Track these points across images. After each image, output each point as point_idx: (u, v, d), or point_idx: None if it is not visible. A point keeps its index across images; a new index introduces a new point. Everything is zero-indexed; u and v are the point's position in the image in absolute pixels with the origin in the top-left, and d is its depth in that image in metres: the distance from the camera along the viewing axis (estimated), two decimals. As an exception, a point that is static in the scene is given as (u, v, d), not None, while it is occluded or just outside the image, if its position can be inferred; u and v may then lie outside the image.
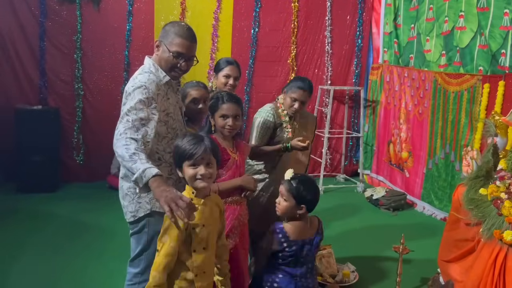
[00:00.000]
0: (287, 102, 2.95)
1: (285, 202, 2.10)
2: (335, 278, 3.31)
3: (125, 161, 1.96)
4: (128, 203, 2.23)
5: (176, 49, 2.20)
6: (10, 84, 5.20)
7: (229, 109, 2.34)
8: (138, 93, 2.11)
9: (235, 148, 2.43)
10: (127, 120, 2.06)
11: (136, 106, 2.08)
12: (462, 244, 2.96)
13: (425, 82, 5.08)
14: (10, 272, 3.34)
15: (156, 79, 2.21)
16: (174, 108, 2.30)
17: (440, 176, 4.79)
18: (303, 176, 2.18)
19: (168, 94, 2.27)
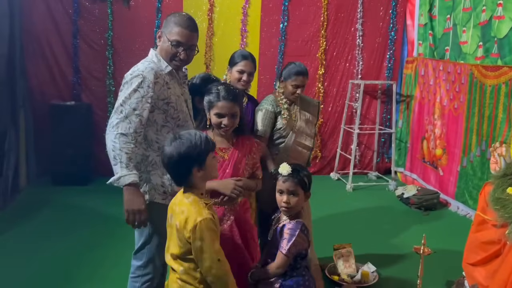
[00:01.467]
0: (288, 89, 2.94)
1: (295, 197, 2.01)
2: (353, 278, 3.21)
3: (110, 157, 2.10)
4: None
5: (175, 38, 2.20)
6: (45, 81, 5.42)
7: (224, 107, 2.21)
8: (134, 82, 2.14)
9: (233, 146, 2.30)
10: (121, 112, 2.11)
11: (131, 96, 2.11)
12: (488, 246, 2.78)
13: (461, 75, 4.82)
14: (41, 259, 3.48)
15: (157, 68, 2.21)
16: (177, 99, 2.28)
17: (475, 174, 4.53)
18: (296, 165, 2.12)
19: (170, 84, 2.25)
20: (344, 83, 5.98)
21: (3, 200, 4.45)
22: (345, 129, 5.95)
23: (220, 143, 2.28)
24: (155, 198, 2.23)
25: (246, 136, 2.37)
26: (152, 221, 2.21)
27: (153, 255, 2.26)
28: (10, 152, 4.68)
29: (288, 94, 2.96)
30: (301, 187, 2.03)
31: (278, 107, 2.95)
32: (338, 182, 5.86)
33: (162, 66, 2.25)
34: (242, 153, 2.28)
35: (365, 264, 3.38)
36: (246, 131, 2.41)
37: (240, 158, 2.26)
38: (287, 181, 2.06)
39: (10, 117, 4.72)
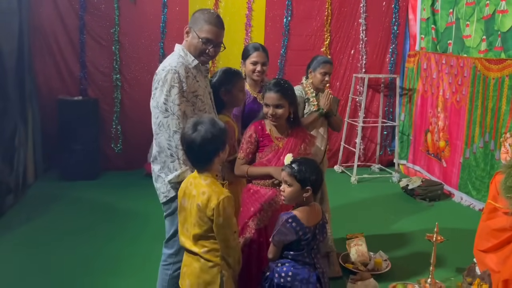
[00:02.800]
0: (317, 78, 3.18)
1: (289, 187, 2.05)
2: (367, 266, 3.30)
3: (166, 156, 2.22)
4: (160, 184, 2.34)
5: (205, 35, 2.31)
6: (52, 76, 5.43)
7: (269, 98, 2.39)
8: (169, 78, 2.23)
9: (288, 136, 2.44)
10: (166, 110, 2.22)
11: (171, 93, 2.22)
12: (500, 233, 2.87)
13: (464, 68, 4.92)
14: (52, 253, 3.53)
15: (186, 62, 2.32)
16: (204, 91, 2.39)
17: (478, 165, 4.64)
18: (303, 158, 2.13)
19: (197, 77, 2.37)
20: (347, 77, 6.06)
21: (14, 195, 4.49)
22: (349, 122, 6.03)
23: (276, 132, 2.45)
24: None
25: (300, 128, 2.52)
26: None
27: None
28: (21, 147, 4.71)
29: (317, 83, 3.19)
30: (296, 179, 2.04)
31: (306, 95, 3.18)
32: (342, 175, 5.95)
33: (189, 60, 2.35)
34: (296, 143, 2.43)
35: (377, 253, 3.48)
36: (299, 123, 2.55)
37: (294, 148, 2.40)
38: (284, 170, 2.12)
39: (19, 113, 4.75)
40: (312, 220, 2.07)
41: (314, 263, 2.08)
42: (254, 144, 2.44)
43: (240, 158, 2.44)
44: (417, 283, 3.10)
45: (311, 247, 2.07)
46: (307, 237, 2.04)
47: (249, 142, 2.44)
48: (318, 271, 2.07)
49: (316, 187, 2.08)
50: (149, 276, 3.12)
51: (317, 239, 2.08)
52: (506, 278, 2.68)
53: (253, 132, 2.44)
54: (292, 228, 2.02)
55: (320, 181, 2.09)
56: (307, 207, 2.08)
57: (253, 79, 3.02)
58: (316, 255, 2.10)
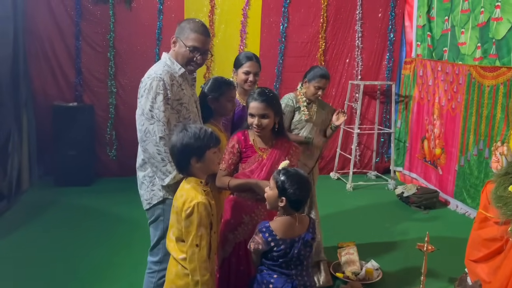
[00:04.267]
0: (311, 90, 3.18)
1: (270, 190, 2.05)
2: (358, 275, 3.27)
3: (156, 161, 2.25)
4: (144, 191, 2.37)
5: (192, 43, 2.35)
6: (48, 82, 5.43)
7: (253, 108, 2.31)
8: (155, 86, 2.26)
9: (272, 147, 2.37)
10: (152, 117, 2.25)
11: (156, 100, 2.25)
12: (491, 243, 2.85)
13: (459, 76, 4.91)
14: (44, 259, 3.52)
15: (171, 70, 2.35)
16: (189, 99, 2.41)
17: (472, 173, 4.62)
18: (294, 171, 2.07)
19: (183, 86, 2.39)
20: (343, 84, 6.05)
21: (7, 201, 4.48)
22: (345, 129, 6.02)
23: (260, 143, 2.38)
24: (169, 195, 2.31)
25: (284, 138, 2.45)
26: (165, 216, 2.29)
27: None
28: (14, 153, 4.70)
29: (310, 95, 3.20)
30: (276, 186, 2.01)
31: (298, 104, 3.20)
32: (338, 182, 5.93)
33: (175, 68, 2.38)
34: (280, 154, 2.35)
35: (369, 262, 3.45)
36: (284, 133, 2.48)
37: (278, 159, 2.31)
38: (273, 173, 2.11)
39: (14, 118, 4.75)
40: (289, 232, 2.03)
41: (293, 275, 2.04)
42: (237, 155, 2.37)
43: (221, 169, 2.36)
44: (408, 293, 3.08)
45: (289, 259, 2.03)
46: (280, 248, 2.00)
47: (231, 153, 2.36)
48: (297, 283, 2.03)
49: (295, 202, 2.01)
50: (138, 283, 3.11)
51: (296, 252, 2.02)
52: (496, 289, 2.66)
53: (235, 143, 2.37)
54: (264, 238, 2.00)
55: (300, 198, 2.01)
56: (286, 219, 2.04)
57: (244, 88, 3.02)
58: (297, 267, 2.06)
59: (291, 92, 3.30)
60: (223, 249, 2.34)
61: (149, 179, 2.34)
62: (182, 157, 2.01)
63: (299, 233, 2.05)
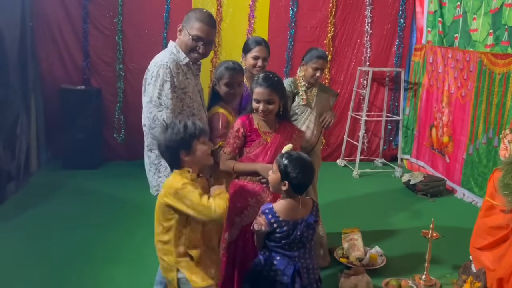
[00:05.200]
0: (309, 72, 3.13)
1: (273, 174, 2.07)
2: (361, 261, 3.28)
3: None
4: (151, 177, 2.39)
5: (196, 33, 2.35)
6: (55, 65, 5.45)
7: (259, 93, 2.31)
8: (162, 73, 2.28)
9: (276, 131, 2.37)
10: (160, 104, 2.28)
11: (164, 87, 2.27)
12: (496, 231, 2.84)
13: (470, 63, 4.83)
14: (52, 240, 3.58)
15: (177, 59, 2.37)
16: (193, 89, 2.43)
17: (480, 162, 4.57)
18: (297, 155, 2.06)
19: (187, 75, 2.41)
20: (352, 70, 5.99)
21: (16, 183, 4.53)
22: (353, 116, 5.98)
23: (264, 127, 2.39)
24: None
25: (288, 122, 2.47)
26: None
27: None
28: (23, 135, 4.74)
29: (308, 77, 3.14)
30: (279, 169, 2.03)
31: (296, 89, 3.15)
32: (345, 169, 5.91)
33: (180, 57, 2.40)
34: (284, 138, 2.36)
35: (373, 248, 3.45)
36: (288, 117, 2.50)
37: (281, 143, 2.32)
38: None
39: (22, 100, 4.77)
40: (292, 215, 2.04)
41: (295, 257, 2.06)
42: (242, 139, 2.36)
43: (226, 153, 2.37)
44: (412, 279, 3.08)
45: (292, 241, 2.04)
46: (282, 230, 2.02)
47: (236, 137, 2.36)
48: (300, 265, 2.05)
49: (297, 186, 2.03)
50: (145, 265, 3.17)
51: (299, 234, 2.04)
52: (500, 277, 2.65)
53: (240, 127, 2.36)
54: (267, 220, 2.02)
55: (302, 182, 2.02)
56: (289, 201, 2.05)
57: (252, 73, 2.99)
58: (300, 249, 2.07)
59: (290, 77, 3.28)
60: (230, 232, 2.36)
61: (155, 167, 2.37)
62: (171, 153, 2.00)
63: (302, 215, 2.06)
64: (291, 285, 2.03)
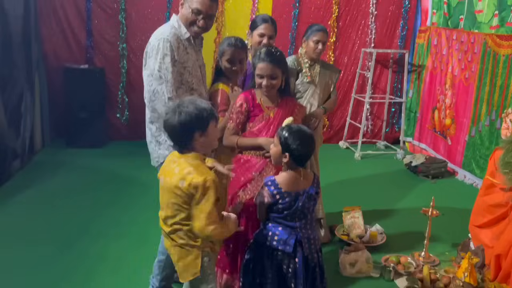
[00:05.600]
0: (310, 46, 3.13)
1: (274, 147, 2.10)
2: (362, 238, 3.33)
3: None
4: (152, 150, 2.46)
5: (196, 6, 2.37)
6: (59, 44, 5.44)
7: (262, 69, 2.32)
8: (162, 47, 2.30)
9: (278, 106, 2.40)
10: (160, 77, 2.30)
11: (164, 60, 2.29)
12: (495, 209, 2.88)
13: (474, 45, 4.80)
14: (56, 215, 3.64)
15: (178, 33, 2.39)
16: (193, 64, 2.46)
17: (483, 144, 4.58)
18: (298, 127, 2.09)
19: (188, 49, 2.43)
20: (356, 52, 5.97)
21: (21, 160, 4.58)
22: (356, 98, 5.97)
23: (267, 102, 2.42)
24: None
25: (289, 97, 2.49)
26: None
27: None
28: (27, 113, 4.77)
29: (310, 52, 3.14)
30: (280, 142, 2.06)
31: (299, 66, 3.15)
32: (347, 151, 5.93)
33: (182, 31, 2.42)
34: (286, 112, 2.39)
35: (373, 226, 3.50)
36: (290, 92, 2.53)
37: (284, 117, 2.31)
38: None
39: (26, 79, 4.79)
40: (294, 186, 2.09)
41: (297, 227, 2.09)
42: (245, 114, 2.39)
43: (229, 128, 2.40)
44: (411, 256, 3.13)
45: (294, 212, 2.08)
46: (285, 201, 2.07)
47: (239, 112, 2.38)
48: (301, 236, 2.09)
49: (298, 158, 2.06)
50: (148, 239, 3.22)
51: (301, 205, 2.08)
52: (498, 253, 2.70)
53: (243, 102, 2.39)
54: (270, 191, 2.07)
55: (302, 153, 2.05)
56: (291, 173, 2.09)
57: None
58: (301, 220, 2.11)
59: (291, 56, 3.27)
60: (234, 206, 2.39)
61: (155, 139, 2.43)
62: (185, 134, 1.90)
63: (304, 187, 2.10)
64: (293, 255, 2.08)
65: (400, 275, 2.91)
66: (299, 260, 2.08)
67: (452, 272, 2.90)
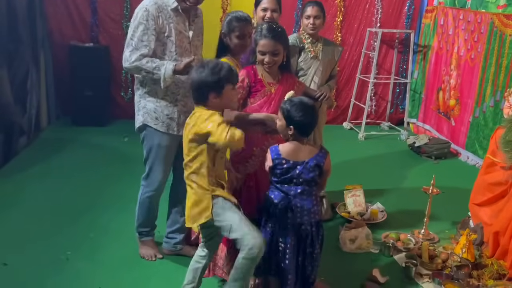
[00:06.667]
0: (304, 23, 3.17)
1: (279, 121, 2.17)
2: (363, 216, 3.37)
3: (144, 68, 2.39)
4: (136, 116, 2.63)
5: None
6: (64, 22, 5.44)
7: (265, 45, 2.32)
8: (139, 16, 2.41)
9: (278, 82, 2.42)
10: (131, 45, 2.41)
11: (138, 29, 2.40)
12: (495, 187, 2.90)
13: (481, 24, 4.76)
14: (61, 191, 3.72)
15: (161, 3, 2.45)
16: (178, 34, 2.49)
17: (486, 125, 4.58)
18: (298, 99, 2.17)
19: (172, 19, 2.47)
20: (361, 31, 5.92)
21: (27, 137, 4.64)
22: (361, 78, 5.95)
23: (268, 78, 2.43)
24: (148, 121, 2.57)
25: (289, 74, 2.52)
26: (147, 141, 2.66)
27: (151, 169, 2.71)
28: (33, 91, 4.81)
29: (306, 27, 3.17)
30: (283, 116, 2.13)
31: (302, 43, 3.17)
32: (351, 132, 5.94)
33: (169, 2, 2.47)
34: (286, 88, 2.40)
35: (375, 204, 3.54)
36: (290, 69, 2.55)
37: (285, 93, 2.34)
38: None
39: (31, 56, 4.81)
40: (294, 155, 2.16)
41: (291, 194, 2.17)
42: (246, 90, 2.39)
43: None
44: (411, 233, 3.17)
45: (290, 178, 2.16)
46: (282, 166, 2.15)
47: (241, 87, 2.36)
48: (293, 202, 2.17)
49: (301, 129, 2.13)
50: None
51: (297, 173, 2.15)
52: (496, 230, 2.73)
53: (245, 77, 2.38)
54: (271, 156, 2.17)
55: (305, 124, 2.12)
56: (293, 143, 2.17)
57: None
58: (297, 189, 2.17)
59: (293, 34, 3.29)
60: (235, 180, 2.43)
61: (137, 104, 2.59)
62: (201, 92, 2.04)
63: (304, 158, 2.16)
64: (282, 218, 2.18)
65: (399, 251, 2.96)
66: (289, 226, 2.18)
67: (451, 249, 2.94)
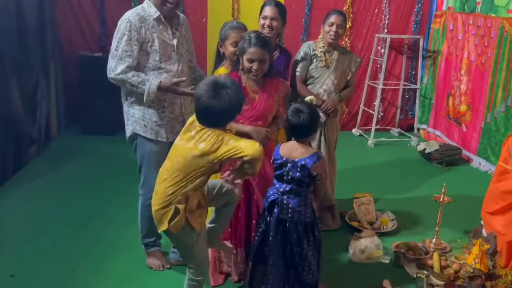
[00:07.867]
0: (325, 30, 3.16)
1: None
2: (372, 225, 3.33)
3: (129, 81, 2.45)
4: (126, 126, 2.69)
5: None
6: (73, 32, 5.50)
7: (253, 53, 2.35)
8: (122, 27, 2.46)
9: (262, 87, 2.47)
10: (116, 55, 2.46)
11: (121, 40, 2.45)
12: (508, 196, 2.85)
13: (491, 29, 4.70)
14: (70, 200, 3.75)
15: (144, 14, 2.50)
16: (162, 43, 2.53)
17: (498, 130, 4.51)
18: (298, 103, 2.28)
19: (155, 28, 2.52)
20: (370, 37, 5.89)
21: (37, 147, 4.67)
22: (369, 84, 5.91)
23: (252, 85, 2.47)
24: (137, 130, 2.61)
25: (271, 78, 2.53)
26: (138, 151, 2.70)
27: (146, 177, 2.68)
28: (43, 101, 4.85)
29: (326, 35, 3.16)
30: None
31: (315, 51, 3.19)
32: (360, 138, 5.90)
33: (151, 12, 2.52)
34: (269, 93, 2.48)
35: (385, 213, 3.49)
36: (273, 75, 2.56)
37: (268, 98, 2.45)
38: None
39: (41, 67, 4.86)
40: (288, 153, 2.26)
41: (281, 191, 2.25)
42: None
43: None
44: (422, 242, 3.12)
45: (280, 175, 2.26)
46: (277, 162, 2.27)
47: None
48: (280, 199, 2.25)
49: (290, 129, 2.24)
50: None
51: (286, 170, 2.23)
52: (510, 240, 2.68)
53: None
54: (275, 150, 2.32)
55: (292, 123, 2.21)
56: (292, 143, 2.27)
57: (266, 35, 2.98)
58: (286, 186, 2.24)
59: (308, 41, 3.33)
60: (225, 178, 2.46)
61: (126, 114, 2.66)
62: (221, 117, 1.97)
63: (295, 157, 2.23)
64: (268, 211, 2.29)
65: (410, 261, 2.91)
66: (273, 219, 2.25)
67: (463, 259, 2.89)
